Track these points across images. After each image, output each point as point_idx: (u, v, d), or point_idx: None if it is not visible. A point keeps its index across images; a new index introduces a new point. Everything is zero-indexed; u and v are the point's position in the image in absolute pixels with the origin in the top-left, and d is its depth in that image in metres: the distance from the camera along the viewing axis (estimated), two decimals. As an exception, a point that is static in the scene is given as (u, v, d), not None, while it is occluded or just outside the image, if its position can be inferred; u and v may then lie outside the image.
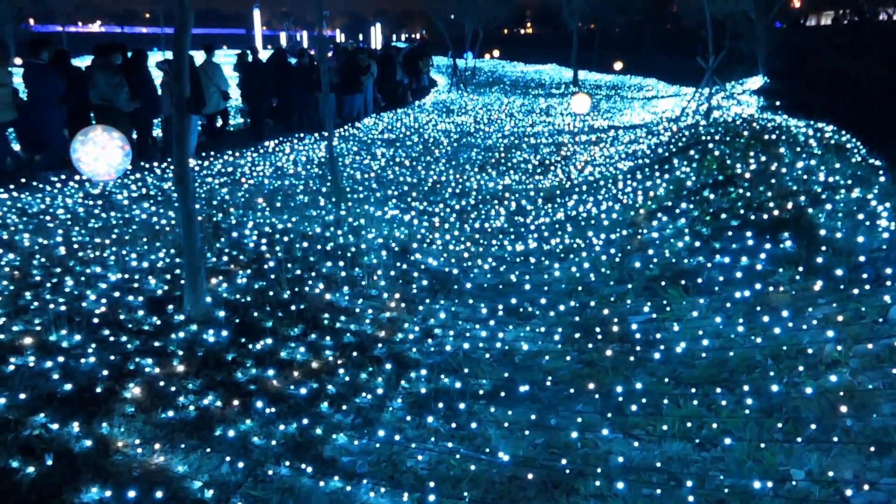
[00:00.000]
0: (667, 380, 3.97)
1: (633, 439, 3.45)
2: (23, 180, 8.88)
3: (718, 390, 3.77)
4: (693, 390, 3.80)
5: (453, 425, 3.60)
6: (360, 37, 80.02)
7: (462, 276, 6.00)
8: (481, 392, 3.96)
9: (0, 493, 2.97)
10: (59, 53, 10.41)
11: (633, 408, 3.66)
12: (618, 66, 35.48)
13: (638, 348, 4.38)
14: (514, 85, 30.54)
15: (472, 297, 5.46)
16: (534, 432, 3.54)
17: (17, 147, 10.18)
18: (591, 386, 3.93)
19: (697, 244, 5.95)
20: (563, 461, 3.26)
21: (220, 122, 13.41)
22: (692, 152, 9.25)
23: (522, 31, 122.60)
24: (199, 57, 12.29)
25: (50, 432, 3.44)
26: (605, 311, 5.02)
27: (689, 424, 3.49)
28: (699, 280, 5.24)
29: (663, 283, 5.28)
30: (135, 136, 10.76)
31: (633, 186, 8.54)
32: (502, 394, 3.92)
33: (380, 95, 19.58)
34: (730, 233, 5.95)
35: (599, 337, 4.58)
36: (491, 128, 15.80)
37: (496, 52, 52.30)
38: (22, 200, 8.13)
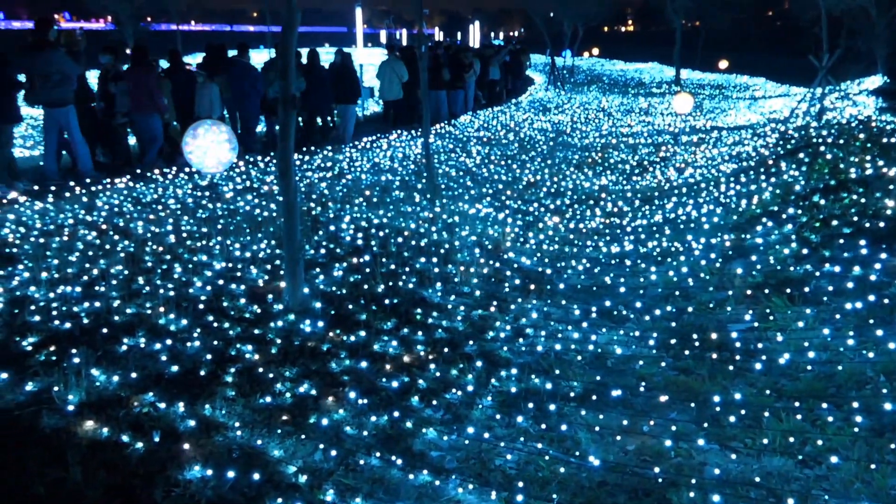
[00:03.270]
0: (768, 392, 3.81)
1: (730, 451, 3.33)
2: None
3: (825, 406, 3.59)
4: (797, 404, 3.63)
5: (543, 426, 3.57)
6: (459, 35, 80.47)
7: (555, 276, 5.94)
8: (572, 394, 3.90)
9: (112, 465, 3.15)
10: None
11: (731, 419, 3.53)
12: (723, 64, 34.22)
13: (737, 357, 4.22)
14: (613, 84, 30.02)
15: (565, 298, 5.40)
16: (625, 438, 3.47)
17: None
18: (687, 394, 3.82)
19: (805, 252, 5.67)
20: (656, 469, 3.18)
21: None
22: (802, 155, 8.83)
23: (623, 29, 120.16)
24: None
25: (157, 411, 3.63)
26: (704, 318, 4.86)
27: (791, 440, 3.34)
28: (806, 289, 5.00)
29: (767, 291, 5.07)
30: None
31: (736, 190, 8.23)
32: (594, 397, 3.85)
33: (480, 93, 19.73)
34: (841, 241, 5.65)
35: (696, 344, 4.43)
36: (588, 127, 15.58)
37: (595, 51, 51.55)
38: (137, 190, 8.61)
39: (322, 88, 12.87)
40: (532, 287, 5.58)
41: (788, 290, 4.99)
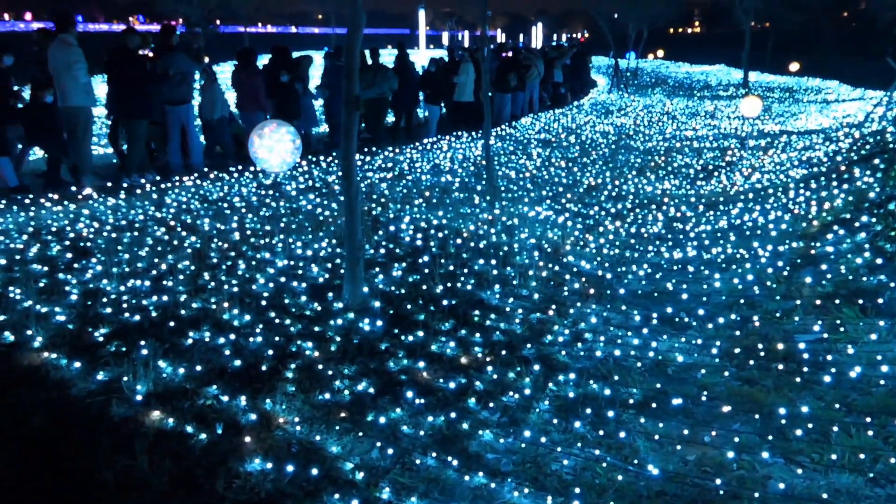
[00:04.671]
0: (837, 406, 3.68)
1: (795, 466, 3.23)
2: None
3: (898, 422, 3.45)
4: (868, 420, 3.49)
5: (601, 433, 3.52)
6: (521, 36, 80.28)
7: (615, 281, 5.86)
8: (631, 401, 3.84)
9: (177, 455, 3.25)
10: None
11: (798, 432, 3.42)
12: (794, 66, 33.20)
13: (805, 369, 4.09)
14: (678, 86, 29.46)
15: (626, 304, 5.32)
16: (686, 448, 3.40)
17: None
18: (751, 405, 3.72)
19: (879, 261, 5.46)
20: (717, 481, 3.11)
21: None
22: (877, 161, 8.49)
23: (689, 31, 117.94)
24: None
25: (220, 403, 3.72)
26: (770, 328, 4.72)
27: (861, 456, 3.22)
28: (880, 300, 4.81)
29: (837, 302, 4.90)
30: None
31: (805, 196, 7.97)
32: (653, 405, 3.78)
33: (545, 94, 19.66)
34: (918, 251, 5.42)
35: (762, 354, 4.31)
36: (651, 130, 15.31)
37: (660, 52, 50.73)
38: (204, 188, 8.85)
39: (412, 88, 13.73)
40: (591, 291, 5.52)
41: (861, 301, 4.81)
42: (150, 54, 9.78)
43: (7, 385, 3.91)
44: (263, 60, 12.75)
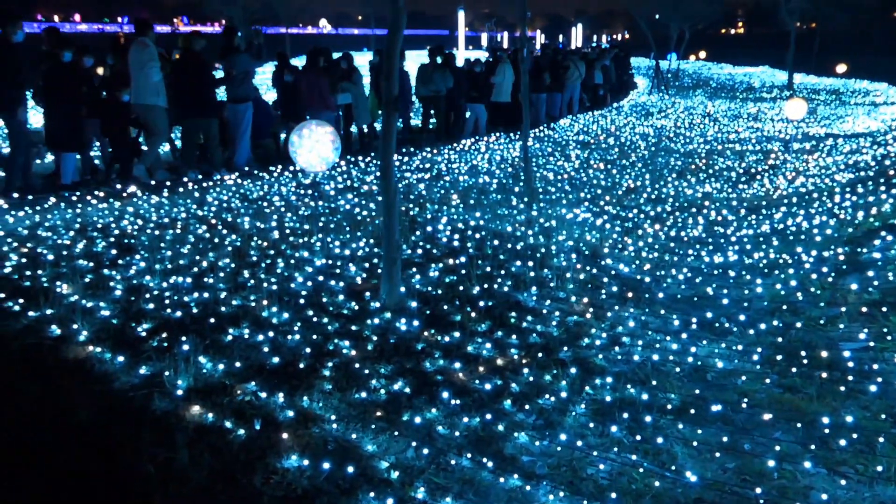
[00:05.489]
0: (883, 416, 3.58)
1: (839, 477, 3.15)
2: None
3: (947, 435, 3.35)
4: (915, 431, 3.40)
5: (638, 438, 3.49)
6: (560, 38, 79.87)
7: (654, 284, 5.79)
8: (669, 407, 3.79)
9: (216, 450, 3.30)
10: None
11: (842, 442, 3.35)
12: (840, 68, 32.43)
13: (850, 378, 3.99)
14: (721, 88, 29.04)
15: (664, 308, 5.25)
16: (725, 455, 3.34)
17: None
18: (793, 413, 3.64)
19: (929, 268, 5.31)
20: (757, 490, 3.05)
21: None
22: (927, 165, 8.27)
23: (732, 32, 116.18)
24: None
25: (259, 400, 3.77)
26: (813, 335, 4.62)
27: (908, 469, 3.13)
28: (929, 309, 4.68)
29: (884, 309, 4.77)
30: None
31: (852, 201, 7.79)
32: (692, 411, 3.73)
33: (585, 96, 19.55)
34: (970, 258, 5.26)
35: (805, 362, 4.22)
36: (692, 132, 15.11)
37: (702, 54, 50.08)
38: (244, 187, 8.98)
39: (458, 88, 13.98)
40: (630, 295, 5.47)
41: (909, 309, 4.68)
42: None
43: (53, 377, 4.01)
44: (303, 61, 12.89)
